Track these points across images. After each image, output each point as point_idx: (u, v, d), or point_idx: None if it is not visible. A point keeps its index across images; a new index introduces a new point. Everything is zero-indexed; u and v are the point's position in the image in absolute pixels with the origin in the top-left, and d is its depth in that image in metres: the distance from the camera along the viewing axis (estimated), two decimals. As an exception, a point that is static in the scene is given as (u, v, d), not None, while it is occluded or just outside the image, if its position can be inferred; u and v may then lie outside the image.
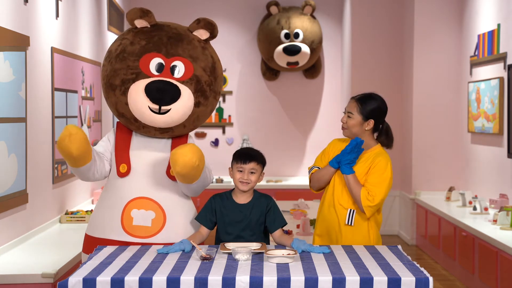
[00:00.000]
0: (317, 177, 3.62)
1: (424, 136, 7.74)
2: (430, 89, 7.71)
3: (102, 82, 3.48)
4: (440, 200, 7.21)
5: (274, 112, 8.95)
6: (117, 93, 3.33)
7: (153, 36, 3.37)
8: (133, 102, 3.29)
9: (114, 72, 3.34)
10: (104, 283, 2.64)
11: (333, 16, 8.89)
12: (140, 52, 3.32)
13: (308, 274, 2.70)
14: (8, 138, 4.06)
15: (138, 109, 3.30)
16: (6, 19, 4.09)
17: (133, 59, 3.32)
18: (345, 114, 3.58)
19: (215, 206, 3.41)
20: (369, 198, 3.43)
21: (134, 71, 3.30)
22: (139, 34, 3.38)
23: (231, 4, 8.85)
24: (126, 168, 3.38)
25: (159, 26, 3.42)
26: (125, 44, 3.37)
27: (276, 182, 8.47)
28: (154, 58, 3.32)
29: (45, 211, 4.87)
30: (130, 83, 3.30)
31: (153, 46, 3.34)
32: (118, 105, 3.36)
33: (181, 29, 3.47)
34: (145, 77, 3.29)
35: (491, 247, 5.19)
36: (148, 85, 3.26)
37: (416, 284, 2.66)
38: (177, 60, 3.35)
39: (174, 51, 3.35)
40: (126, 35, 3.42)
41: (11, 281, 3.54)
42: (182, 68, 3.36)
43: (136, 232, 3.32)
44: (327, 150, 3.68)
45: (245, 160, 3.38)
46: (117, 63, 3.34)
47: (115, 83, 3.33)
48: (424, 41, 7.70)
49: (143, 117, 3.31)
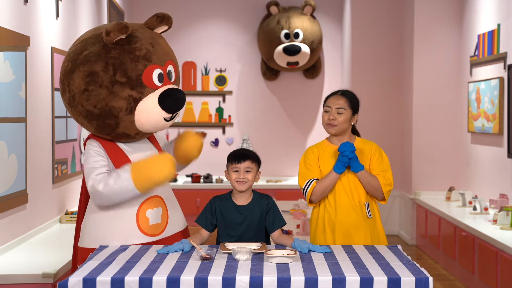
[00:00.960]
0: (322, 189, 3.55)
1: (424, 136, 7.74)
2: (430, 89, 7.71)
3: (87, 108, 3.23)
4: (440, 200, 7.21)
5: (274, 112, 8.95)
6: (121, 115, 3.23)
7: (139, 48, 3.25)
8: (145, 118, 3.26)
9: (113, 95, 3.19)
10: (104, 283, 2.64)
11: (333, 16, 8.89)
12: (140, 69, 3.22)
13: (308, 274, 2.70)
14: (8, 138, 4.06)
15: (151, 123, 3.29)
16: (6, 19, 4.09)
17: (135, 77, 3.21)
18: (331, 111, 3.58)
19: (215, 208, 3.41)
20: (387, 182, 3.56)
21: (140, 89, 3.22)
22: (123, 49, 3.21)
23: (231, 4, 8.85)
24: None
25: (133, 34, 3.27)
26: (116, 63, 3.18)
27: (276, 182, 8.47)
28: (154, 70, 3.26)
29: (45, 211, 4.87)
30: (138, 101, 3.23)
31: (146, 58, 3.24)
32: (121, 125, 3.27)
33: (147, 31, 3.39)
34: (151, 91, 3.25)
35: (491, 247, 5.19)
36: (162, 98, 3.24)
37: (416, 284, 2.66)
38: (169, 65, 3.37)
39: (162, 56, 3.33)
40: (110, 54, 3.19)
41: (11, 281, 3.54)
42: (173, 71, 3.40)
43: (152, 231, 3.36)
44: (309, 161, 3.63)
45: (239, 159, 3.39)
46: (116, 86, 3.18)
47: (118, 106, 3.21)
48: (424, 41, 7.70)
49: (156, 128, 3.35)
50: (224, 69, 8.89)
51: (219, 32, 8.88)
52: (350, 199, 3.56)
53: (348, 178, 3.57)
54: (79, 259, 3.37)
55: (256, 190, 3.52)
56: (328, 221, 3.59)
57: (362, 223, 3.56)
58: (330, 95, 3.68)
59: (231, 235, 3.38)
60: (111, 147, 3.38)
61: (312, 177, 3.59)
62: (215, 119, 8.88)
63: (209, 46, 8.84)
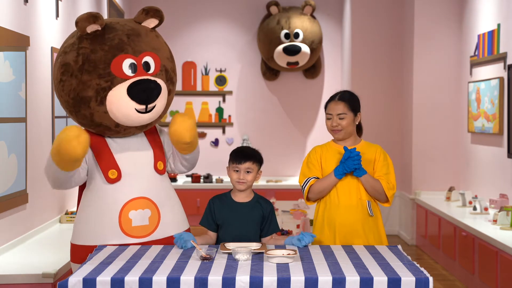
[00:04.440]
0: (320, 189, 3.58)
1: (424, 136, 7.74)
2: (430, 89, 7.71)
3: (65, 98, 3.29)
4: (440, 200, 7.21)
5: (274, 112, 8.95)
6: (92, 105, 3.23)
7: (112, 38, 3.26)
8: (115, 108, 3.24)
9: (83, 84, 3.21)
10: (104, 283, 2.64)
11: (333, 16, 8.89)
12: (108, 58, 3.22)
13: (308, 274, 2.70)
14: (8, 138, 4.06)
15: (123, 114, 3.25)
16: (6, 19, 4.09)
17: (103, 66, 3.21)
18: (333, 118, 3.60)
19: (214, 208, 3.43)
20: (390, 186, 3.57)
21: (108, 78, 3.21)
22: (96, 39, 3.24)
23: (231, 4, 8.85)
24: (116, 173, 3.33)
25: (110, 26, 3.31)
26: (86, 53, 3.22)
27: (276, 182, 8.47)
28: (125, 60, 3.25)
29: (45, 211, 4.87)
30: (107, 91, 3.22)
31: (118, 48, 3.24)
32: (95, 116, 3.27)
33: (132, 24, 3.39)
34: (121, 81, 3.23)
35: (491, 247, 5.19)
36: (130, 88, 3.22)
37: (416, 284, 2.66)
38: (146, 56, 3.32)
39: (139, 47, 3.30)
40: (81, 44, 3.24)
41: (11, 281, 3.53)
42: (152, 62, 3.33)
43: (135, 233, 3.31)
44: (312, 160, 3.65)
45: (240, 160, 3.39)
46: (84, 75, 3.20)
47: (88, 95, 3.22)
48: (424, 41, 7.70)
49: (130, 120, 3.29)
50: (224, 69, 8.89)
51: (219, 32, 8.88)
52: (351, 198, 3.56)
53: (349, 177, 3.58)
54: (71, 255, 3.42)
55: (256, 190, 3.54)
56: (329, 219, 3.60)
57: (364, 222, 3.57)
58: (329, 100, 3.71)
59: (230, 231, 3.39)
60: (98, 143, 3.37)
61: (311, 175, 3.62)
62: (215, 119, 8.88)
63: (209, 46, 8.84)
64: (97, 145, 3.36)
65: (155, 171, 3.44)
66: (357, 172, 3.51)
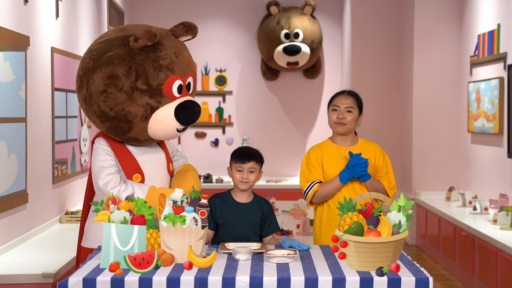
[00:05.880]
0: (324, 194, 3.58)
1: (424, 136, 7.74)
2: (430, 89, 7.71)
3: (103, 109, 3.22)
4: (440, 200, 7.21)
5: (274, 112, 8.95)
6: (136, 121, 3.23)
7: (164, 57, 3.22)
8: (158, 126, 3.26)
9: (132, 100, 3.18)
10: (104, 283, 2.64)
11: (333, 16, 8.89)
12: (161, 78, 3.20)
13: (308, 274, 2.70)
14: (8, 138, 4.06)
15: (165, 132, 3.30)
16: (6, 19, 4.09)
17: (156, 86, 3.19)
18: (340, 110, 3.59)
19: (214, 207, 3.43)
20: (391, 186, 3.62)
21: (159, 98, 3.21)
22: (148, 56, 3.18)
23: (231, 4, 8.85)
24: (140, 177, 3.35)
25: (160, 42, 3.24)
26: (138, 70, 3.16)
27: (276, 182, 8.47)
28: (175, 81, 3.24)
29: (45, 211, 4.87)
30: (154, 110, 3.23)
31: (169, 68, 3.22)
32: (133, 130, 3.26)
33: (173, 40, 3.34)
34: (169, 101, 3.25)
35: (491, 247, 5.19)
36: (178, 109, 3.24)
37: (416, 284, 2.66)
38: (189, 77, 3.35)
39: (184, 68, 3.30)
40: (135, 59, 3.17)
41: (11, 281, 3.54)
42: (192, 82, 3.39)
43: None
44: (313, 161, 3.64)
45: (243, 159, 3.40)
46: (135, 92, 3.17)
47: (134, 112, 3.21)
48: (424, 41, 7.70)
49: (168, 136, 3.37)
50: (224, 69, 8.89)
51: (219, 32, 8.88)
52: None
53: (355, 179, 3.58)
54: (82, 259, 3.38)
55: (256, 190, 3.54)
56: (331, 220, 3.59)
57: None
58: (336, 94, 3.70)
59: (230, 231, 3.39)
60: (119, 148, 3.37)
61: (314, 179, 3.60)
62: (215, 119, 8.88)
63: (209, 46, 8.84)
64: (119, 150, 3.37)
65: (168, 173, 3.49)
66: (363, 178, 3.52)
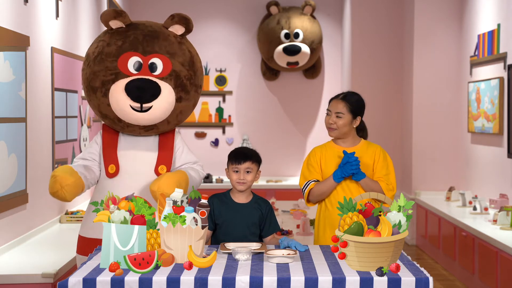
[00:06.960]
0: (319, 192, 3.60)
1: (424, 136, 7.74)
2: (430, 89, 7.71)
3: (83, 85, 3.53)
4: (440, 200, 7.21)
5: (274, 112, 8.95)
6: (98, 95, 3.39)
7: (129, 35, 3.42)
8: (114, 102, 3.35)
9: (93, 74, 3.40)
10: (104, 283, 2.64)
11: (333, 16, 8.89)
12: (117, 53, 3.37)
13: (308, 274, 2.70)
14: (8, 138, 4.06)
15: (120, 108, 3.35)
16: (6, 19, 4.09)
17: (111, 60, 3.37)
18: (331, 115, 3.61)
19: (213, 207, 3.42)
20: (390, 187, 3.59)
21: (113, 71, 3.36)
22: (115, 35, 3.43)
23: (231, 4, 8.85)
24: (115, 168, 3.43)
25: (134, 25, 3.47)
26: (102, 46, 3.42)
27: (276, 182, 8.47)
28: (131, 57, 3.37)
29: (45, 211, 4.87)
30: (110, 84, 3.36)
31: (130, 45, 3.39)
32: (101, 107, 3.42)
33: (156, 26, 3.52)
34: (124, 77, 3.35)
35: (491, 247, 5.19)
36: (128, 84, 3.32)
37: (416, 284, 2.66)
38: (154, 57, 3.40)
39: (151, 48, 3.41)
40: (102, 37, 3.47)
41: (11, 281, 3.54)
42: (160, 65, 3.40)
43: None
44: (312, 162, 3.66)
45: (239, 160, 3.40)
46: (95, 66, 3.39)
47: (96, 85, 3.39)
48: (424, 41, 7.70)
49: (126, 116, 3.37)
50: (224, 69, 8.89)
51: (219, 32, 8.88)
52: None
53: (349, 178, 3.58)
54: (77, 247, 3.53)
55: (256, 190, 3.54)
56: (330, 221, 3.59)
57: None
58: (333, 97, 3.71)
59: (229, 232, 3.39)
60: (110, 138, 3.50)
61: (311, 178, 3.62)
62: (215, 119, 8.87)
63: (209, 46, 8.84)
64: (108, 141, 3.49)
65: (155, 174, 3.47)
66: (356, 176, 3.53)
